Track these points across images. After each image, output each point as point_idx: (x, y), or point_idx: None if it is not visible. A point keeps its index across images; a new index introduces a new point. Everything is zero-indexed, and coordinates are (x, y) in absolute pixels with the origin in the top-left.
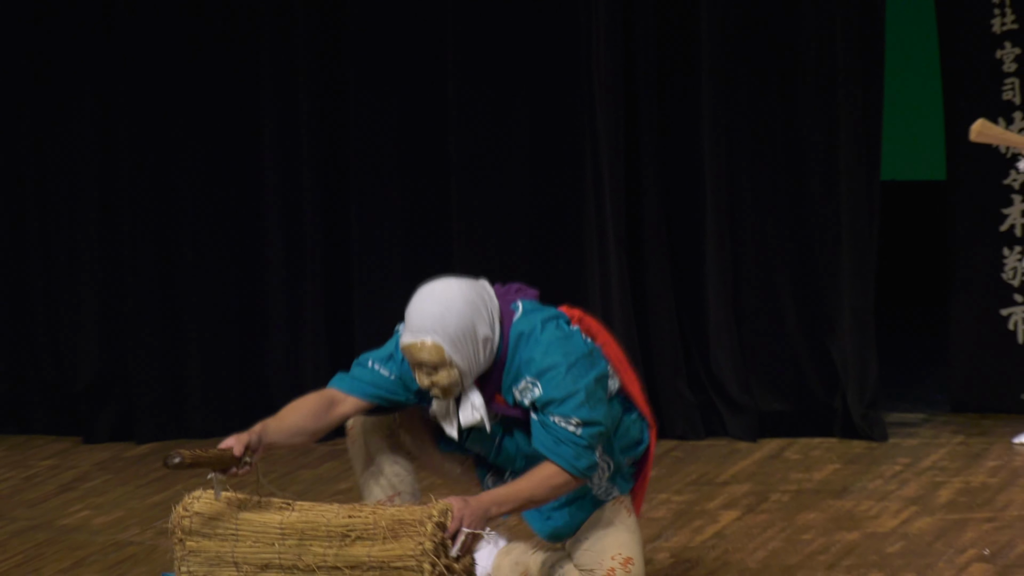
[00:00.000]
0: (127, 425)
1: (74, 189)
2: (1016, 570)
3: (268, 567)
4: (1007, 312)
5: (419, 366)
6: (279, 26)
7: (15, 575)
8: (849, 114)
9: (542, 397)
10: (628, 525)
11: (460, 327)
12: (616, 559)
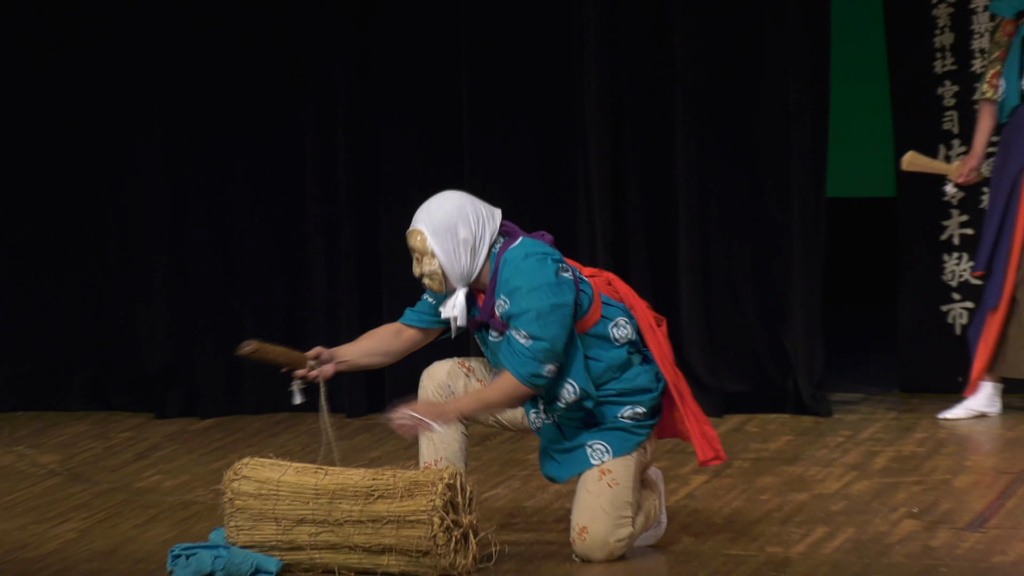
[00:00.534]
0: (192, 403)
1: (148, 206)
2: (940, 526)
3: (303, 522)
4: (946, 308)
5: (412, 253)
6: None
7: (98, 529)
8: (800, 143)
9: (507, 311)
10: (596, 492)
11: (443, 223)
12: (575, 529)
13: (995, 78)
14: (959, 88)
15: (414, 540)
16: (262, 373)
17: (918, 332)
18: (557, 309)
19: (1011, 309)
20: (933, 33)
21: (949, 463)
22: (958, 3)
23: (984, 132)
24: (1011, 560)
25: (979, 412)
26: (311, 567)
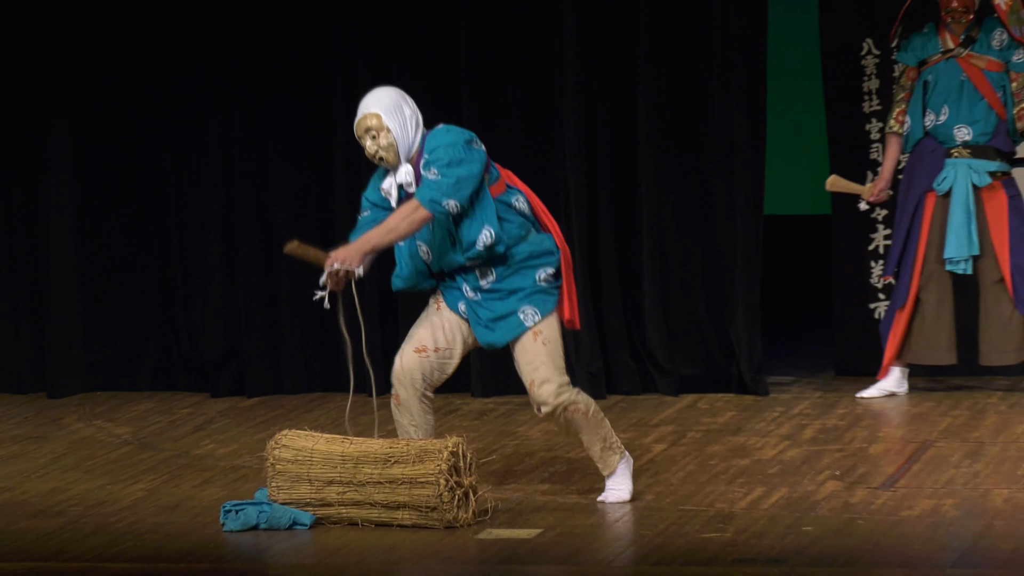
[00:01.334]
0: (240, 384)
1: (202, 216)
2: (858, 486)
3: (332, 483)
4: (873, 306)
5: (367, 133)
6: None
7: (163, 489)
8: (742, 168)
9: (425, 162)
10: (535, 351)
11: (392, 103)
12: (528, 384)
13: (901, 115)
14: (882, 125)
15: (424, 498)
16: (299, 359)
17: (850, 325)
18: (465, 163)
19: (916, 307)
20: (862, 79)
21: (865, 434)
22: (882, 55)
23: (891, 160)
24: (916, 514)
25: (890, 392)
26: (339, 520)
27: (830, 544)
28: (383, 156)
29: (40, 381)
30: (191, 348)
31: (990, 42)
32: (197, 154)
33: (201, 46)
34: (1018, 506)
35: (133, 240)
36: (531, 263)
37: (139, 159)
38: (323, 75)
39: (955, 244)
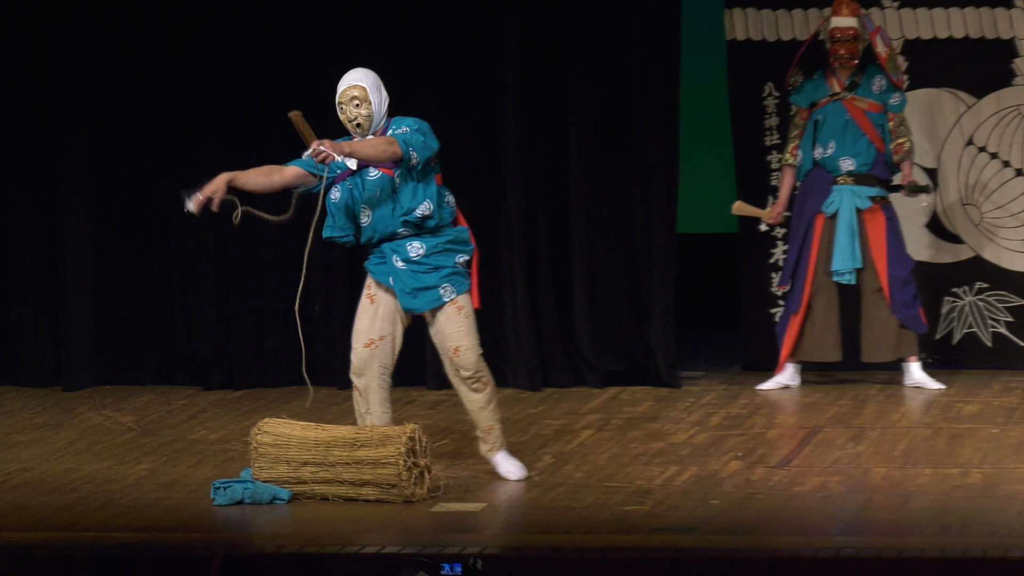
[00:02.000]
0: (229, 379)
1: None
2: (757, 465)
3: (306, 464)
4: (774, 311)
5: (350, 101)
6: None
7: (162, 469)
8: (658, 191)
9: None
10: (457, 322)
11: (375, 81)
12: (450, 350)
13: (795, 149)
14: (780, 157)
15: (385, 476)
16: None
17: (755, 327)
18: (429, 137)
19: (807, 312)
20: (764, 117)
21: (764, 420)
22: (781, 96)
23: (787, 187)
24: (807, 489)
25: (785, 384)
26: (312, 495)
27: (734, 515)
28: (360, 123)
29: (56, 376)
30: (186, 347)
31: (871, 87)
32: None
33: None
34: (895, 482)
35: (138, 253)
36: (453, 247)
37: (144, 178)
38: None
39: (841, 258)
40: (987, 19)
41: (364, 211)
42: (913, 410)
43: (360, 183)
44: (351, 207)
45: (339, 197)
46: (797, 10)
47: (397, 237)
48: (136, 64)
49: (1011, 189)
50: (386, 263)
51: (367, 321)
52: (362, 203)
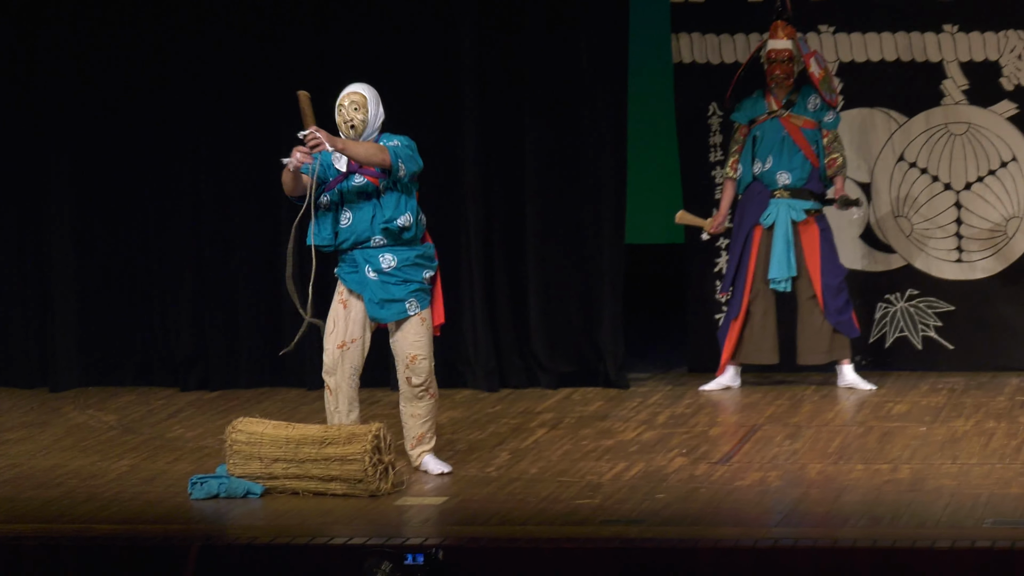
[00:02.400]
0: (205, 380)
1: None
2: (700, 461)
3: (278, 460)
4: (718, 316)
5: (350, 104)
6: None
7: (143, 465)
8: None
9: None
10: (419, 333)
11: (375, 95)
12: (408, 357)
13: (735, 164)
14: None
15: (352, 472)
16: (253, 359)
17: (700, 331)
18: (416, 156)
19: (746, 318)
20: (708, 135)
21: (706, 419)
22: (724, 115)
23: (727, 199)
24: (747, 484)
25: (726, 385)
26: (283, 490)
27: (678, 508)
28: (355, 125)
29: (43, 377)
30: (165, 350)
31: (806, 105)
32: (172, 186)
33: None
34: (829, 477)
35: (120, 260)
36: (421, 262)
37: (125, 190)
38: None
39: (777, 267)
40: (917, 43)
41: (345, 213)
42: (846, 409)
43: (346, 186)
44: (334, 210)
45: (327, 201)
46: (739, 35)
47: (372, 245)
48: (118, 79)
49: (940, 202)
50: (358, 272)
51: (340, 324)
52: (345, 204)
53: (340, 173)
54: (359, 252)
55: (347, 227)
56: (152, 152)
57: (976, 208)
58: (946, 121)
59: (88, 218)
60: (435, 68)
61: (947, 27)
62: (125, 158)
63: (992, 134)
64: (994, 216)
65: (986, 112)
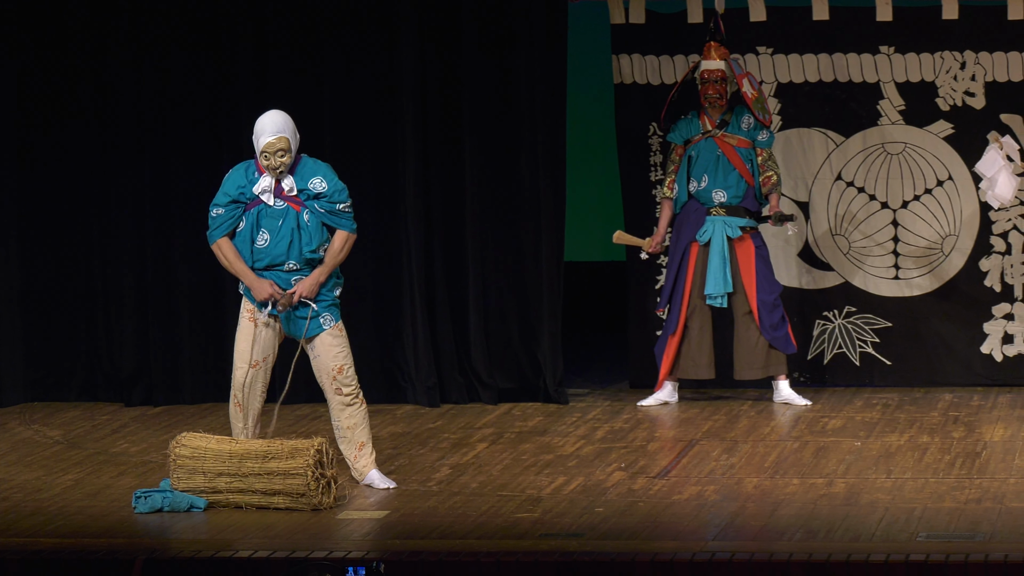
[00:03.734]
0: (149, 395)
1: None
2: (638, 475)
3: (221, 474)
4: (658, 332)
5: (275, 153)
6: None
7: (87, 480)
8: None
9: (328, 191)
10: (339, 345)
11: (292, 127)
12: (334, 369)
13: (672, 184)
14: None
15: (295, 486)
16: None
17: (640, 348)
18: (345, 192)
19: (684, 334)
20: (648, 155)
21: (644, 434)
22: (664, 136)
23: (665, 219)
24: (685, 498)
25: (664, 401)
26: (227, 504)
27: (617, 521)
28: (281, 171)
29: None
30: (110, 366)
31: (740, 124)
32: (115, 206)
33: (116, 113)
34: (765, 491)
35: (64, 278)
36: (331, 280)
37: (69, 206)
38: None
39: (713, 283)
40: (853, 64)
41: (262, 234)
42: (782, 424)
43: (264, 209)
44: (252, 230)
45: (243, 227)
46: (679, 56)
47: (285, 269)
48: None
49: (877, 221)
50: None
51: (250, 343)
52: (261, 226)
53: (257, 197)
54: (271, 274)
55: (264, 248)
56: (96, 169)
57: (912, 226)
58: (883, 141)
59: (32, 234)
60: (375, 87)
61: (884, 48)
62: (69, 175)
63: (928, 154)
64: (930, 234)
65: (922, 132)
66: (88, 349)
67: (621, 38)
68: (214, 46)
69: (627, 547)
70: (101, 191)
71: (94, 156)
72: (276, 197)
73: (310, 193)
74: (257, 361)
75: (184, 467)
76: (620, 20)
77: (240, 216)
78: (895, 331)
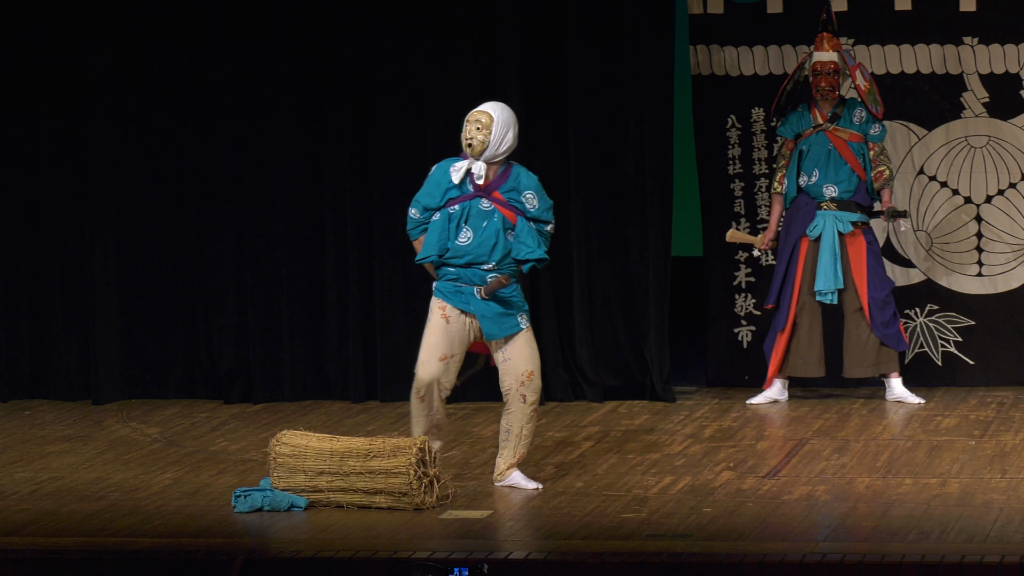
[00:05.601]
0: (248, 393)
1: (219, 258)
2: (747, 475)
3: (322, 473)
4: (737, 330)
5: (474, 121)
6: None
7: (186, 478)
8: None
9: (536, 209)
10: (531, 349)
11: (506, 119)
12: (524, 374)
13: (782, 179)
14: (744, 185)
15: (397, 485)
16: (297, 372)
17: (719, 346)
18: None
19: (793, 331)
20: (726, 147)
21: (754, 433)
22: (743, 128)
23: (776, 215)
24: (795, 498)
25: (773, 399)
26: (328, 503)
27: (725, 522)
28: (472, 145)
29: (86, 390)
30: (208, 363)
31: (852, 118)
32: (214, 201)
33: (218, 115)
34: (877, 491)
35: (163, 275)
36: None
37: (169, 202)
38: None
39: (824, 279)
40: (937, 55)
41: (465, 231)
42: (894, 423)
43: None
44: (451, 224)
45: (438, 218)
46: (758, 46)
47: (484, 268)
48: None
49: (960, 216)
50: (464, 293)
51: (443, 338)
52: (467, 224)
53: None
54: (467, 272)
55: (467, 244)
56: (196, 164)
57: (996, 221)
58: (966, 134)
59: (131, 229)
60: (478, 82)
61: (967, 39)
62: (169, 170)
63: (1013, 147)
64: (1015, 229)
65: (1007, 124)
66: (186, 346)
67: (699, 28)
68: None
69: (735, 548)
70: (200, 185)
71: (192, 149)
72: (487, 197)
73: (523, 207)
74: (445, 355)
75: (284, 465)
76: (698, 10)
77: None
78: (978, 329)
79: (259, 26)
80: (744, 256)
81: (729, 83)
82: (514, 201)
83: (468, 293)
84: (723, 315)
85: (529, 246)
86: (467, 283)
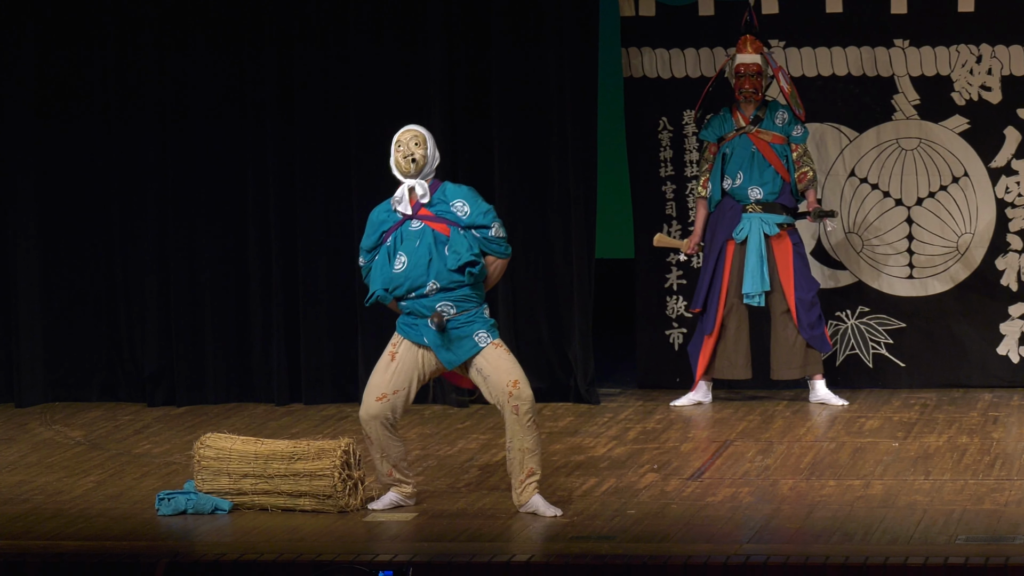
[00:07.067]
0: (172, 396)
1: (141, 261)
2: (671, 477)
3: (246, 476)
4: (668, 333)
5: (411, 139)
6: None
7: (109, 482)
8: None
9: (470, 216)
10: (505, 358)
11: (431, 138)
12: (508, 384)
13: (706, 182)
14: (675, 187)
15: (321, 488)
16: (220, 375)
17: (649, 348)
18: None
19: (721, 333)
20: (658, 150)
21: (678, 435)
22: (675, 131)
23: (702, 218)
24: (719, 500)
25: (698, 401)
26: (252, 506)
27: (649, 524)
28: (415, 159)
29: (9, 393)
30: (132, 366)
31: (774, 120)
32: (137, 204)
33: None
34: (801, 493)
35: (86, 279)
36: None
37: (91, 206)
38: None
39: (750, 282)
40: (868, 58)
41: (399, 257)
42: (818, 425)
43: (403, 232)
44: (390, 253)
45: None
46: (690, 49)
47: (426, 292)
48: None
49: (891, 218)
50: (418, 327)
51: (385, 376)
52: (400, 250)
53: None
54: (413, 302)
55: (400, 272)
56: (119, 167)
57: (927, 224)
58: (897, 136)
59: (54, 232)
60: (402, 84)
61: (898, 42)
62: (91, 175)
63: (943, 149)
64: (945, 232)
65: (938, 127)
66: (110, 348)
67: (630, 30)
68: (236, 45)
69: (660, 550)
70: (123, 188)
71: (115, 153)
72: (415, 218)
73: (455, 216)
74: (384, 394)
75: (208, 468)
76: (630, 12)
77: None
78: (909, 332)
79: (184, 29)
80: (675, 259)
81: (661, 85)
82: (444, 213)
83: (422, 325)
84: (654, 317)
85: (459, 252)
86: (419, 315)
